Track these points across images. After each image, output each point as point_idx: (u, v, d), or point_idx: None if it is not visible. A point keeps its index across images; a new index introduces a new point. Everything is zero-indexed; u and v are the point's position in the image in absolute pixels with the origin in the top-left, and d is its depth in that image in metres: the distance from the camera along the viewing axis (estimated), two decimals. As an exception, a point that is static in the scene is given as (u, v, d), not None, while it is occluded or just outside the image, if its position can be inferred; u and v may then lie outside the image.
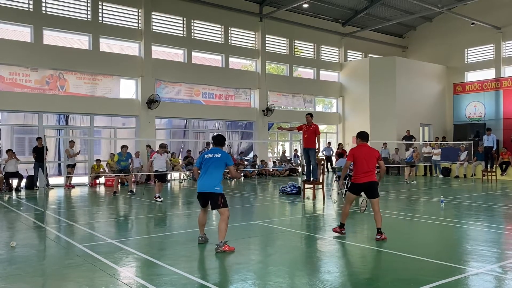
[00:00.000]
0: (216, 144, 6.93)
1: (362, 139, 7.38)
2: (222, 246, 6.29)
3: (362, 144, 7.36)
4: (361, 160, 7.15)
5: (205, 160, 6.73)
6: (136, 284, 4.99)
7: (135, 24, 19.69)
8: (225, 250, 6.27)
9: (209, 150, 6.92)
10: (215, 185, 6.54)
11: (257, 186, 17.49)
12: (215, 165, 6.64)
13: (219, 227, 6.45)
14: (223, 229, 6.40)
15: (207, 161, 6.68)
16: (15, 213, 10.46)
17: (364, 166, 7.12)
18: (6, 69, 16.51)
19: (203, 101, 21.74)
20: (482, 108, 24.77)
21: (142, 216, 10.26)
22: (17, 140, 17.17)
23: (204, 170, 6.67)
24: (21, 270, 5.60)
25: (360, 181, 7.15)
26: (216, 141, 6.96)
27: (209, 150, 6.94)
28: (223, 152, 6.79)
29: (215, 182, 6.56)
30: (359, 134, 7.47)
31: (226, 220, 6.47)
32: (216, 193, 6.53)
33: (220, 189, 6.58)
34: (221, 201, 6.52)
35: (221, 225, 6.44)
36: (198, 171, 6.89)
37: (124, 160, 14.48)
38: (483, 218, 9.55)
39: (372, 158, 7.18)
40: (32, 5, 17.09)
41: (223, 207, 6.53)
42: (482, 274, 5.26)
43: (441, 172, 21.02)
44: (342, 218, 7.42)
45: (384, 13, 26.18)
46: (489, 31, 25.09)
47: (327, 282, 5.04)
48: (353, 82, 26.38)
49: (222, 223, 6.45)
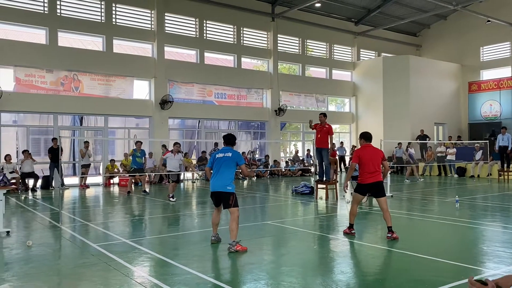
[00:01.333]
0: (227, 143, 6.93)
1: (365, 139, 7.41)
2: (235, 246, 6.31)
3: (366, 144, 7.39)
4: (367, 160, 7.16)
5: (216, 159, 6.74)
6: (149, 284, 5.02)
7: (148, 25, 19.84)
8: (237, 250, 6.28)
9: (220, 150, 6.93)
10: (227, 184, 6.56)
11: (269, 186, 17.48)
12: (226, 164, 6.65)
13: (230, 227, 6.48)
14: (234, 228, 6.43)
15: (218, 161, 6.70)
16: (31, 213, 10.62)
17: (370, 166, 7.13)
18: (22, 71, 16.77)
19: (216, 102, 21.81)
20: (498, 107, 24.40)
21: (155, 216, 10.33)
22: (33, 140, 17.42)
23: (216, 169, 6.69)
24: (37, 269, 5.68)
25: (366, 182, 7.16)
26: (227, 140, 6.97)
27: (220, 149, 6.95)
28: (234, 151, 6.80)
29: (226, 181, 6.58)
30: (362, 135, 7.51)
31: (236, 219, 6.49)
32: (227, 192, 6.56)
33: (232, 188, 6.59)
34: (232, 201, 6.54)
35: (231, 225, 6.47)
36: (210, 171, 6.91)
37: (139, 156, 14.32)
38: (499, 218, 9.41)
39: (377, 158, 7.22)
40: (47, 8, 17.33)
41: (233, 206, 6.55)
42: (498, 275, 5.15)
43: (456, 172, 20.76)
44: (350, 218, 7.43)
45: (397, 12, 25.95)
46: (505, 29, 24.68)
47: (340, 282, 5.01)
48: (366, 81, 26.20)
49: (232, 223, 6.47)
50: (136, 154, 14.29)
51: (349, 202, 11.83)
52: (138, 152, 14.30)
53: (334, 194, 12.84)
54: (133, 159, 14.44)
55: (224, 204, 6.62)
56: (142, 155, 14.56)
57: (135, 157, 14.34)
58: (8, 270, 5.60)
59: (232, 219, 6.53)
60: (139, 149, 14.35)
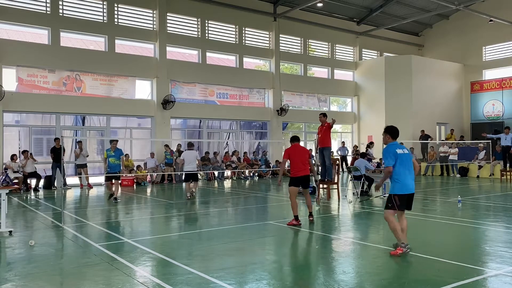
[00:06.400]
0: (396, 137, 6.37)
1: (293, 141, 8.77)
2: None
3: (295, 144, 8.69)
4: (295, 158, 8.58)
5: (399, 156, 6.18)
6: (151, 283, 5.03)
7: (150, 25, 19.86)
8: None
9: (399, 145, 6.30)
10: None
11: (271, 186, 17.47)
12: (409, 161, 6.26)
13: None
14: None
15: (405, 157, 6.21)
16: (34, 213, 10.64)
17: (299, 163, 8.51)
18: (25, 71, 16.81)
19: (218, 101, 21.81)
20: (501, 107, 24.34)
21: (157, 216, 10.34)
22: (35, 140, 17.46)
23: (408, 168, 6.16)
24: (40, 269, 5.69)
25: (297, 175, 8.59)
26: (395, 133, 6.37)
27: (399, 145, 6.32)
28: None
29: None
30: (294, 138, 8.84)
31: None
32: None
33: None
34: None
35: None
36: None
37: (114, 156, 12.33)
38: (502, 218, 9.38)
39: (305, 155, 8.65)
40: (49, 8, 17.36)
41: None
42: (501, 276, 5.16)
43: (459, 171, 20.72)
44: (294, 211, 8.45)
45: (399, 11, 25.91)
46: (508, 28, 24.61)
47: (342, 282, 5.00)
48: (368, 81, 26.17)
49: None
50: (110, 153, 12.38)
51: (351, 202, 11.82)
52: (112, 152, 12.39)
53: (336, 194, 12.82)
54: (108, 160, 12.38)
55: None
56: (118, 155, 12.50)
57: (109, 157, 12.34)
58: (10, 270, 5.62)
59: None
60: (113, 148, 12.43)
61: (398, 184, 6.07)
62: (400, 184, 6.07)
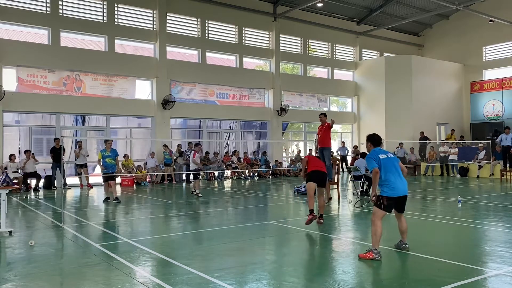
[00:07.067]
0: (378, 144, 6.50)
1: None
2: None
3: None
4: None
5: (383, 160, 6.21)
6: (151, 283, 5.03)
7: (150, 25, 19.86)
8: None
9: (382, 151, 6.33)
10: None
11: (271, 186, 17.47)
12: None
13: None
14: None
15: (390, 161, 6.22)
16: (34, 213, 10.64)
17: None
18: (25, 71, 16.81)
19: (218, 101, 21.81)
20: (501, 107, 24.34)
21: (157, 216, 10.34)
22: (35, 140, 17.46)
23: (396, 171, 6.17)
24: (40, 269, 5.69)
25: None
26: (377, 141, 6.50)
27: (382, 150, 6.36)
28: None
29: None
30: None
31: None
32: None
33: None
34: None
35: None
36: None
37: (109, 156, 12.32)
38: (502, 218, 9.38)
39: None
40: (49, 8, 17.37)
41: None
42: (501, 276, 5.16)
43: (459, 171, 20.72)
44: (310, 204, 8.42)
45: (399, 11, 25.91)
46: (508, 28, 24.61)
47: (342, 282, 5.00)
48: (368, 81, 26.17)
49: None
50: (106, 154, 12.33)
51: (351, 202, 11.82)
52: (108, 152, 12.35)
53: (337, 194, 12.82)
54: (103, 160, 12.36)
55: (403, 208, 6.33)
56: (113, 155, 12.49)
57: (104, 158, 12.33)
58: (10, 270, 5.62)
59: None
60: (108, 148, 12.42)
61: (387, 187, 6.04)
62: (388, 187, 6.03)
